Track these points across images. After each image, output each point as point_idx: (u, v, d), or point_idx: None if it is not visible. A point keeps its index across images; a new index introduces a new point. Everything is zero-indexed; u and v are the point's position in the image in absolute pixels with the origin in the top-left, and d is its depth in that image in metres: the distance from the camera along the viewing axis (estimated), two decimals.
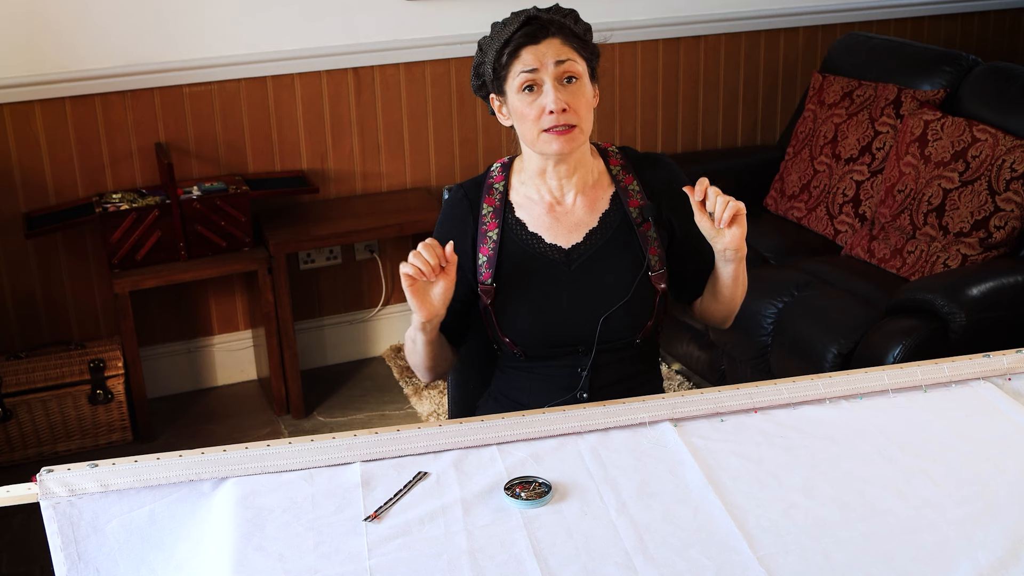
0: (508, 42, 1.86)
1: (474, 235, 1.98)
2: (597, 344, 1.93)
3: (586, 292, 1.94)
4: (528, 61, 1.86)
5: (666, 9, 3.96)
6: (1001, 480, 1.64)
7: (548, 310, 1.94)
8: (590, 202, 1.98)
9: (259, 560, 1.49)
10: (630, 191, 1.99)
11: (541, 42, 1.86)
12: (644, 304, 1.95)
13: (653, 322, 1.98)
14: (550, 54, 1.85)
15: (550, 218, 1.97)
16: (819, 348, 2.89)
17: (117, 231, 3.26)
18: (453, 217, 2.01)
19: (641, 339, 1.98)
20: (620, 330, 1.95)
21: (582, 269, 1.95)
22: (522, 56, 1.86)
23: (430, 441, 1.72)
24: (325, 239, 3.48)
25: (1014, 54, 4.61)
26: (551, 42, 1.86)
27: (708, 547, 1.49)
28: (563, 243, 1.96)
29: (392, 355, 3.89)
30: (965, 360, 1.93)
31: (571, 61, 1.86)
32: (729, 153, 4.16)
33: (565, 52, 1.86)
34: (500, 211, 1.98)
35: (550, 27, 1.87)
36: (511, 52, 1.86)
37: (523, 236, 1.97)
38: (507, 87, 1.89)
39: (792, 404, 1.84)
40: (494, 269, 1.95)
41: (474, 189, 2.02)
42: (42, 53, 3.26)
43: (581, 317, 1.93)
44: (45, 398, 3.30)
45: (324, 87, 3.60)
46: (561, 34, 1.87)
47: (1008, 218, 3.03)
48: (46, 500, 1.58)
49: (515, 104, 1.89)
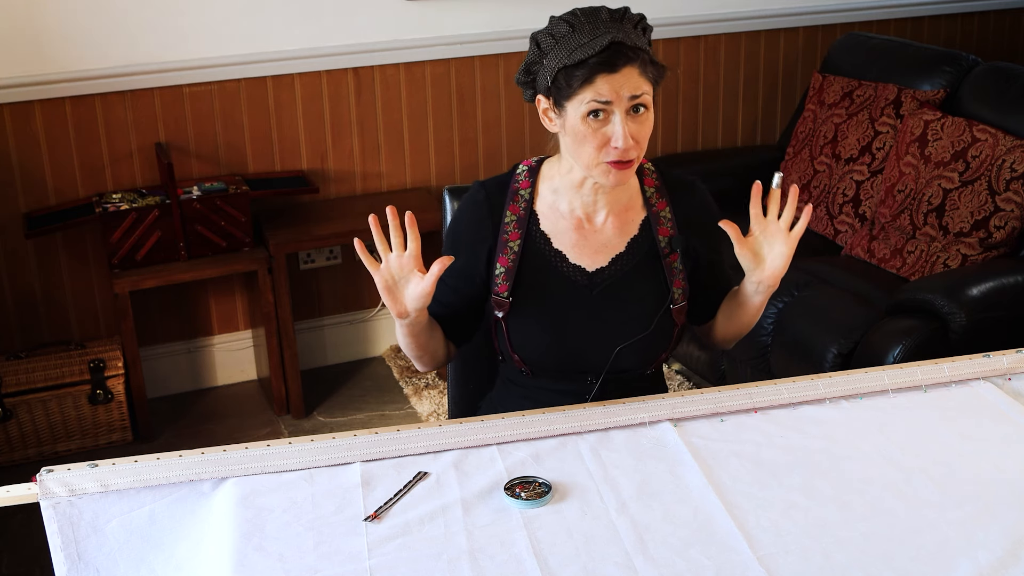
0: (582, 64, 1.71)
1: (493, 242, 1.89)
2: (607, 372, 1.87)
3: (605, 320, 1.87)
4: (603, 92, 1.71)
5: (666, 9, 3.96)
6: (1001, 480, 1.64)
7: (563, 334, 1.87)
8: (620, 224, 1.90)
9: (259, 560, 1.48)
10: (661, 218, 1.91)
11: (619, 71, 1.71)
12: (663, 337, 1.90)
13: (668, 354, 1.95)
14: (627, 87, 1.71)
15: (577, 236, 1.88)
16: (819, 348, 2.89)
17: (117, 231, 3.26)
18: (472, 220, 1.91)
19: (652, 370, 1.96)
20: (634, 360, 1.90)
21: (604, 296, 1.87)
22: (596, 84, 1.71)
23: (430, 441, 1.72)
24: (325, 239, 3.48)
25: (1014, 54, 4.61)
26: (629, 72, 1.72)
27: (708, 547, 1.49)
28: (587, 265, 1.88)
29: (392, 355, 3.89)
30: (965, 360, 1.93)
31: (645, 95, 1.74)
32: (729, 153, 4.16)
33: (643, 85, 1.73)
34: (524, 220, 1.88)
35: (632, 56, 1.71)
36: (584, 77, 1.71)
37: (546, 252, 1.88)
38: (569, 104, 1.75)
39: (792, 404, 1.84)
40: (511, 282, 1.87)
41: (498, 193, 1.90)
42: (42, 53, 3.26)
43: (597, 345, 1.87)
44: (45, 398, 3.30)
45: (324, 87, 3.60)
46: (640, 63, 1.73)
47: (1008, 218, 3.03)
48: (46, 500, 1.58)
49: (575, 125, 1.75)
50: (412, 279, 1.72)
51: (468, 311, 1.93)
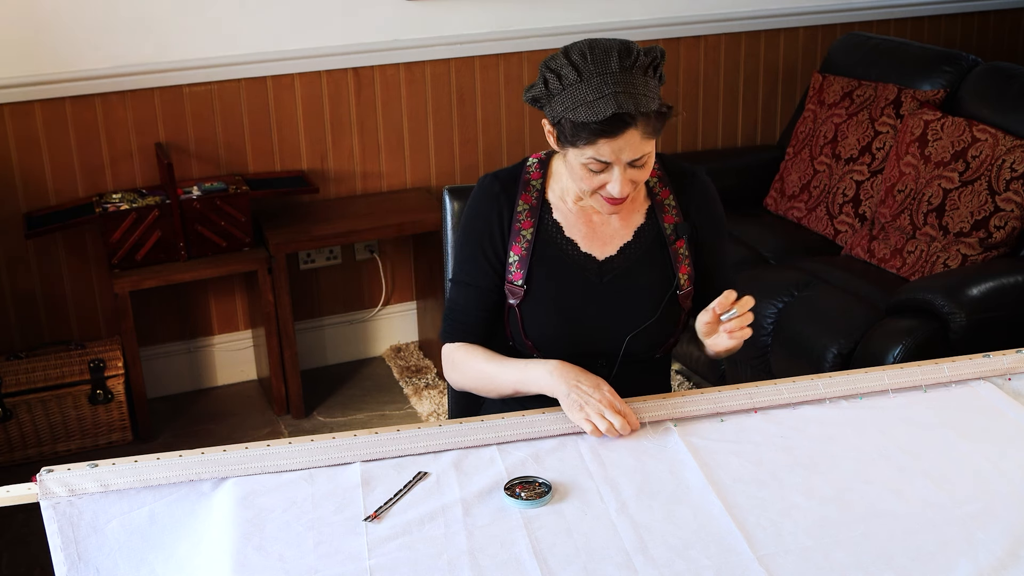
0: (584, 126, 1.72)
1: (506, 230, 1.93)
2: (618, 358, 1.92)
3: (615, 307, 1.91)
4: (604, 153, 1.74)
5: (666, 9, 3.96)
6: (1001, 480, 1.64)
7: (575, 320, 1.91)
8: (626, 214, 1.94)
9: (259, 560, 1.49)
10: (666, 205, 1.95)
11: (620, 135, 1.72)
12: (669, 322, 1.94)
13: (675, 339, 1.98)
14: (627, 151, 1.74)
15: (586, 227, 1.93)
16: (819, 348, 2.89)
17: (117, 231, 3.26)
18: (486, 210, 1.94)
19: (660, 354, 1.98)
20: (643, 346, 1.93)
21: (613, 284, 1.92)
22: (598, 145, 1.73)
23: (430, 441, 1.72)
24: (325, 239, 3.48)
25: (1014, 54, 4.61)
26: (631, 135, 1.73)
27: (708, 547, 1.49)
28: (597, 254, 1.93)
29: (392, 355, 3.89)
30: (965, 360, 1.93)
31: (647, 154, 1.77)
32: (729, 153, 4.16)
33: (644, 147, 1.75)
34: (536, 209, 1.93)
35: (634, 122, 1.72)
36: (586, 139, 1.73)
37: (558, 240, 1.93)
38: (570, 149, 1.79)
39: (792, 404, 1.85)
40: (526, 270, 1.91)
41: (511, 182, 1.94)
42: (42, 53, 3.26)
43: (607, 331, 1.91)
44: (45, 398, 3.30)
45: (324, 87, 3.60)
46: (644, 123, 1.73)
47: (1008, 218, 3.03)
48: (46, 500, 1.58)
49: (575, 166, 1.80)
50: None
51: (496, 305, 1.96)
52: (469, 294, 1.95)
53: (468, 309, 1.95)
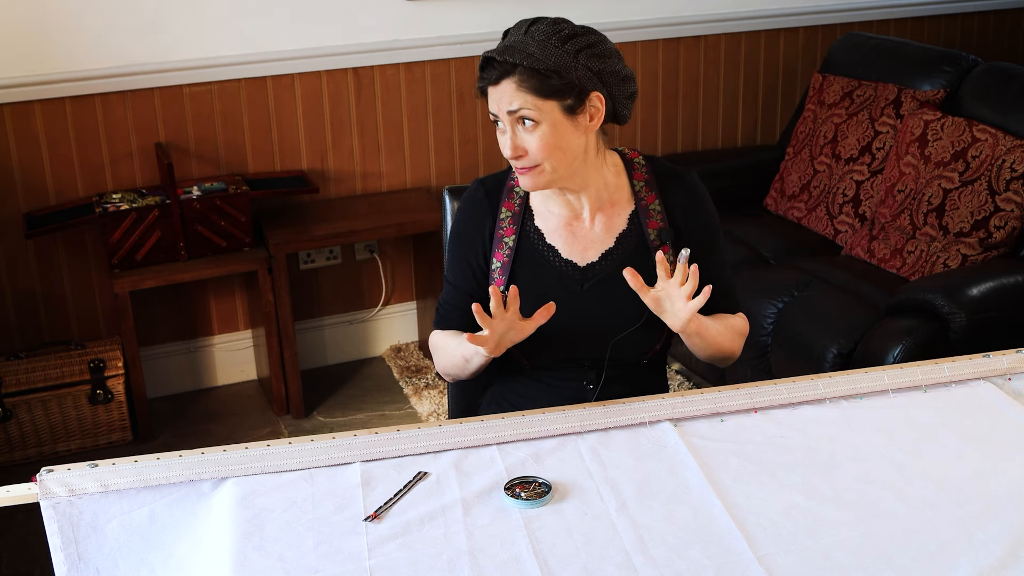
0: (478, 79, 1.83)
1: (488, 238, 1.95)
2: (603, 363, 1.92)
3: (596, 314, 1.91)
4: (490, 105, 1.82)
5: (666, 9, 3.96)
6: (1001, 480, 1.64)
7: (557, 326, 1.89)
8: (607, 219, 1.94)
9: (259, 560, 1.49)
10: (651, 211, 1.94)
11: (497, 84, 1.79)
12: (654, 328, 1.91)
13: (661, 345, 1.97)
14: (504, 101, 1.78)
15: (567, 232, 1.94)
16: (819, 348, 2.89)
17: (117, 231, 3.26)
18: (471, 217, 1.98)
19: (649, 359, 1.98)
20: (628, 352, 1.93)
21: (594, 290, 1.92)
22: (489, 96, 1.82)
23: (430, 441, 1.72)
24: (325, 239, 3.48)
25: (1014, 54, 4.61)
26: (505, 86, 1.78)
27: (708, 547, 1.49)
28: (578, 260, 1.93)
29: (392, 355, 3.89)
30: (965, 360, 1.93)
31: (524, 108, 1.78)
32: (729, 153, 4.16)
33: (518, 99, 1.77)
34: (519, 216, 1.95)
35: (504, 70, 1.77)
36: (481, 89, 1.83)
37: (540, 246, 1.94)
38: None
39: (792, 404, 1.84)
40: (507, 276, 1.93)
41: (496, 189, 1.97)
42: (42, 53, 3.26)
43: (590, 337, 1.91)
44: (45, 398, 3.30)
45: (324, 87, 3.60)
46: (517, 76, 1.77)
47: (1008, 218, 3.03)
48: (46, 500, 1.58)
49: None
50: (514, 327, 1.79)
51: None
52: (455, 294, 1.99)
53: (454, 307, 1.98)
